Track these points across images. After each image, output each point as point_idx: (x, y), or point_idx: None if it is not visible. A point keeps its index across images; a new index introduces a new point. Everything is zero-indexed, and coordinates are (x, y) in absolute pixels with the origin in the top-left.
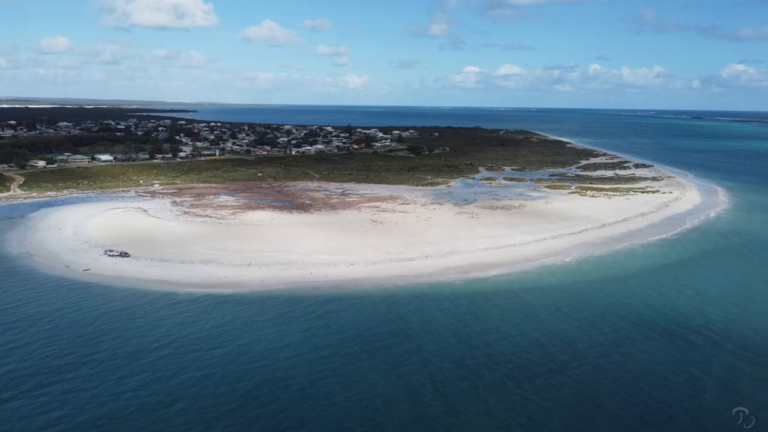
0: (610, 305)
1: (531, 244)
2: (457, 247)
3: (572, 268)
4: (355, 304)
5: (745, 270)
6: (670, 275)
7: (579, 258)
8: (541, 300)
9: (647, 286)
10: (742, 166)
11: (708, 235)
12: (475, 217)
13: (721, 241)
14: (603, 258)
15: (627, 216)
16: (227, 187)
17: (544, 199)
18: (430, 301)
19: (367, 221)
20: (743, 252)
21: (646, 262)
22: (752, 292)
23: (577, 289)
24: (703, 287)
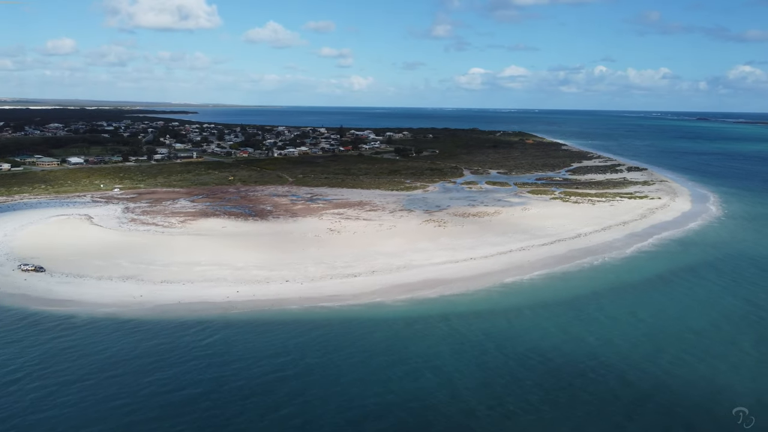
0: (556, 340)
1: (494, 257)
2: (411, 260)
3: (530, 288)
4: (262, 331)
5: (707, 296)
6: (629, 298)
7: (542, 275)
8: (489, 330)
9: (602, 312)
10: (742, 169)
11: (687, 249)
12: (442, 225)
13: (698, 256)
14: (567, 275)
15: (607, 225)
16: (191, 191)
17: (523, 206)
18: (357, 326)
19: (324, 230)
20: (715, 271)
21: (611, 281)
22: (704, 327)
23: (529, 315)
24: (653, 317)
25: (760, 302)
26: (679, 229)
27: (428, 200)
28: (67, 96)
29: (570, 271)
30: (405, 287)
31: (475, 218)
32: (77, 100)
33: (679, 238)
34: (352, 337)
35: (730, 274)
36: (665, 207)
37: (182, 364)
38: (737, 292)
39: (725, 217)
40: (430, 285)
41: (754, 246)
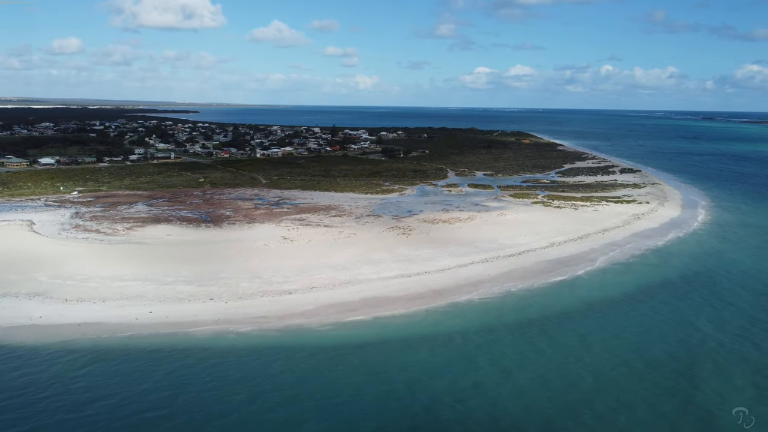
0: (480, 376)
1: (452, 271)
2: (358, 274)
3: (479, 310)
4: (148, 361)
5: (671, 319)
6: (586, 323)
7: (498, 292)
8: (407, 362)
9: (549, 340)
10: (739, 172)
11: (666, 261)
12: (407, 233)
13: (675, 269)
14: (526, 293)
15: (585, 233)
16: (153, 194)
17: (500, 210)
18: (258, 357)
19: (276, 239)
20: (688, 288)
21: (572, 300)
22: (657, 358)
23: (460, 344)
24: (605, 345)
25: (726, 325)
26: (663, 238)
27: (401, 204)
28: (72, 95)
29: (531, 288)
30: (340, 307)
31: (445, 225)
32: (83, 99)
33: (659, 249)
34: (246, 369)
35: (703, 292)
36: (652, 213)
37: (29, 405)
38: (705, 312)
39: (712, 225)
40: (369, 304)
41: (735, 259)
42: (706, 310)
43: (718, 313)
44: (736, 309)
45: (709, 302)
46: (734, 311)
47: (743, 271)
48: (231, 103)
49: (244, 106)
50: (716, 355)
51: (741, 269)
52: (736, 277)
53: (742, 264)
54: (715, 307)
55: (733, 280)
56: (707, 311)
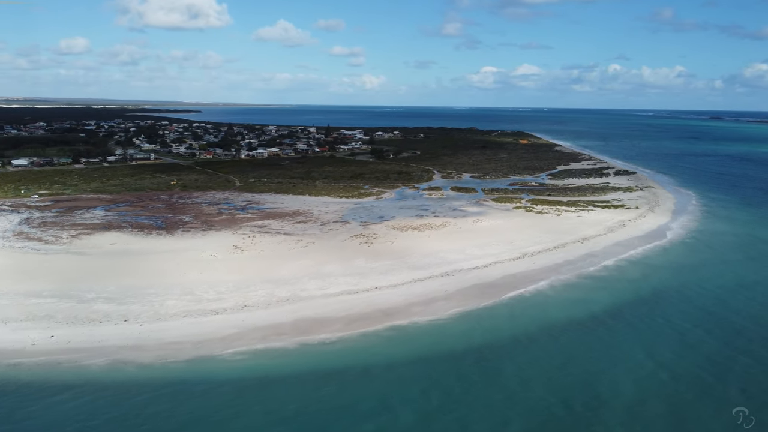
0: (383, 421)
1: (405, 287)
2: (302, 290)
3: (426, 334)
4: (27, 396)
5: (631, 345)
6: (531, 352)
7: (453, 313)
8: (319, 400)
9: (482, 375)
10: (742, 175)
11: (644, 275)
12: (370, 241)
13: (650, 285)
14: (483, 313)
15: (563, 242)
16: (117, 198)
17: (477, 217)
18: (164, 393)
19: (227, 248)
20: (659, 307)
21: (527, 324)
22: (600, 395)
23: (381, 377)
24: (545, 381)
25: (690, 354)
26: (645, 248)
27: (375, 209)
28: (81, 95)
29: (487, 307)
30: (268, 330)
31: (414, 233)
32: (90, 99)
33: (639, 260)
34: (127, 410)
35: (673, 313)
36: (639, 219)
37: None
38: (669, 338)
39: (701, 234)
40: (300, 327)
41: (716, 274)
42: (670, 335)
43: (682, 338)
44: (704, 333)
45: (677, 326)
46: (701, 336)
47: (720, 287)
48: (237, 103)
49: (250, 106)
50: (671, 394)
51: (719, 284)
52: (712, 295)
53: (722, 279)
54: (680, 332)
55: (708, 297)
56: (671, 337)
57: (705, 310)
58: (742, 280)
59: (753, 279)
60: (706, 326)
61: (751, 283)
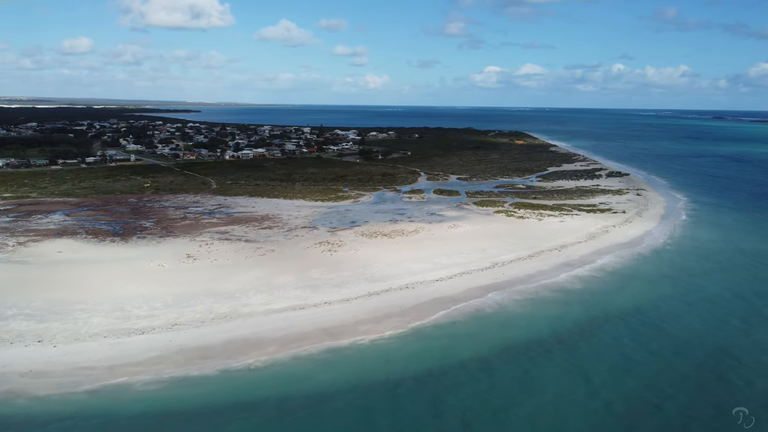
0: None
1: (360, 301)
2: (245, 305)
3: (366, 358)
4: None
5: (583, 375)
6: (469, 386)
7: (401, 333)
8: None
9: (401, 408)
10: (738, 177)
11: (620, 287)
12: (333, 249)
13: (625, 299)
14: (433, 333)
15: (540, 249)
16: (83, 202)
17: (455, 222)
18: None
19: (180, 257)
20: (627, 326)
21: (466, 348)
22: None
23: (302, 421)
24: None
25: (621, 381)
26: (626, 256)
27: (349, 214)
28: (85, 95)
29: (442, 326)
30: (194, 353)
31: (384, 239)
32: (93, 99)
33: (617, 270)
34: None
35: (642, 332)
36: (625, 225)
37: None
38: (613, 362)
39: (687, 241)
40: (230, 349)
41: (695, 286)
42: (615, 360)
43: (624, 363)
44: (665, 365)
45: (625, 348)
46: (641, 359)
47: (692, 304)
48: (240, 103)
49: (253, 106)
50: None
51: (686, 300)
52: (673, 311)
53: (700, 293)
54: (626, 356)
55: (669, 314)
56: (617, 362)
57: (659, 329)
58: (721, 294)
59: (714, 293)
60: (653, 348)
61: (712, 297)
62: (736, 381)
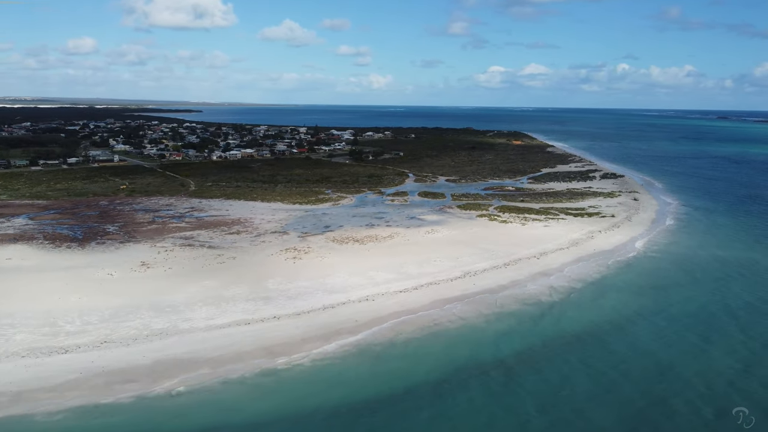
0: None
1: (310, 315)
2: (186, 320)
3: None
4: None
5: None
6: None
7: (350, 352)
8: None
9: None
10: (736, 180)
11: (592, 301)
12: (299, 256)
13: (595, 316)
14: (387, 353)
15: (518, 256)
16: (51, 204)
17: (432, 227)
18: None
19: (134, 265)
20: (585, 350)
21: (424, 372)
22: None
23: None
24: None
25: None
26: (608, 263)
27: (325, 217)
28: (90, 95)
29: (395, 344)
30: (115, 376)
31: (355, 245)
32: (97, 99)
33: (596, 281)
34: None
35: (592, 354)
36: (612, 230)
37: None
38: (581, 388)
39: (669, 249)
40: (157, 372)
41: (665, 303)
42: (586, 385)
43: (583, 394)
44: (622, 403)
45: (580, 376)
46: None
47: (658, 321)
48: (244, 103)
49: (257, 106)
50: None
51: (663, 316)
52: (651, 330)
53: (670, 308)
54: (582, 386)
55: (647, 334)
56: (589, 389)
57: (620, 349)
58: (676, 310)
59: (684, 309)
60: (601, 369)
61: (681, 313)
62: (680, 408)
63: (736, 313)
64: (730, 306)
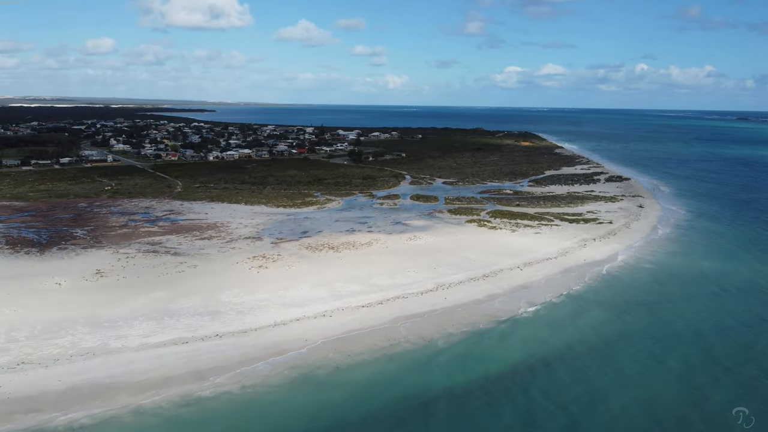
0: None
1: (257, 333)
2: (119, 337)
3: (233, 408)
4: None
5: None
6: None
7: (286, 380)
8: None
9: None
10: (746, 184)
11: (566, 320)
12: (264, 266)
13: (560, 340)
14: (330, 381)
15: (499, 267)
16: (28, 206)
17: (417, 232)
18: None
19: (88, 273)
20: (526, 387)
21: (353, 408)
22: None
23: None
24: None
25: None
26: (595, 276)
27: (306, 222)
28: (108, 95)
29: (341, 369)
30: (19, 405)
31: (329, 253)
32: (115, 98)
33: (580, 295)
34: None
35: (575, 383)
36: (607, 238)
37: None
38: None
39: (670, 259)
40: (69, 399)
41: (647, 323)
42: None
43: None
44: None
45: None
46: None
47: (653, 341)
48: (260, 103)
49: (273, 106)
50: None
51: (654, 336)
52: (640, 353)
53: (651, 330)
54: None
55: (636, 357)
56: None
57: (595, 378)
58: (657, 332)
59: (663, 332)
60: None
61: (664, 336)
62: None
63: (728, 334)
64: (721, 326)
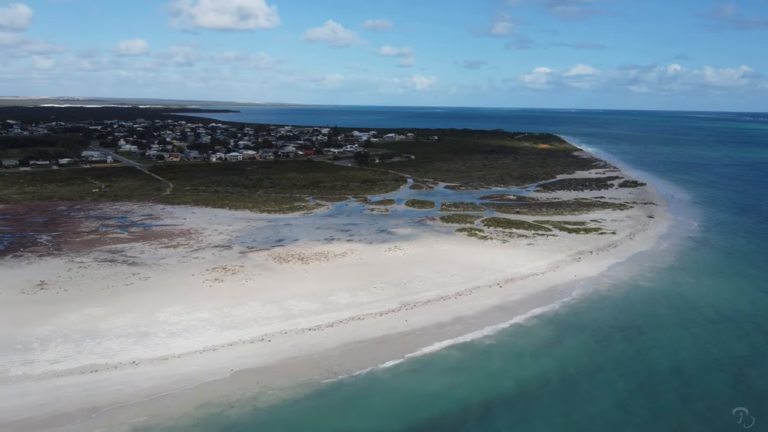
0: None
1: (182, 360)
2: (25, 362)
3: None
4: None
5: None
6: None
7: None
8: None
9: None
10: None
11: (536, 350)
12: (222, 278)
13: (523, 374)
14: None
15: (477, 284)
16: (6, 209)
17: (399, 242)
18: None
19: (29, 286)
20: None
21: None
22: None
23: None
24: None
25: None
26: (579, 297)
27: (285, 229)
28: (140, 95)
29: (274, 406)
30: None
31: (297, 264)
32: (146, 99)
33: (557, 319)
34: None
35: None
36: (606, 250)
37: None
38: None
39: (668, 278)
40: None
41: (642, 352)
42: None
43: None
44: None
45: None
46: None
47: (634, 375)
48: (288, 103)
49: (301, 106)
50: None
51: (635, 369)
52: (619, 390)
53: (647, 359)
54: None
55: (613, 393)
56: None
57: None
58: (659, 360)
59: (654, 362)
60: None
61: (648, 369)
62: None
63: (711, 371)
64: (705, 361)
